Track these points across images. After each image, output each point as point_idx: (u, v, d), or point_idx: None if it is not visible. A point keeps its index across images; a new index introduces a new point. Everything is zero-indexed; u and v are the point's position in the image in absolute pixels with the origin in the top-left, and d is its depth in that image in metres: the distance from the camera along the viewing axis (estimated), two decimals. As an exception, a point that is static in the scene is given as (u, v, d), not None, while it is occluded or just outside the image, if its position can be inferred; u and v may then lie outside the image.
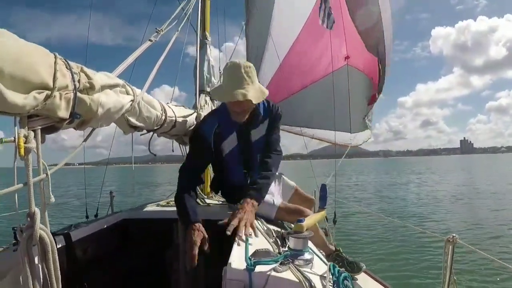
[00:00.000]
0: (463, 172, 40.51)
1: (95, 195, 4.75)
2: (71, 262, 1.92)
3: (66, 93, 1.17)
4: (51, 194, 1.18)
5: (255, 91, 2.10)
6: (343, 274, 1.38)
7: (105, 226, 2.39)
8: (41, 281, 1.11)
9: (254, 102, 2.11)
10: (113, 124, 2.00)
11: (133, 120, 1.73)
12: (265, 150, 2.47)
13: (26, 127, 1.10)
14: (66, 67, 1.20)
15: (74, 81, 1.20)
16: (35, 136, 1.12)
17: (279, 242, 1.81)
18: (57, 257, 1.13)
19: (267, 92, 2.21)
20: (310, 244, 1.74)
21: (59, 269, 1.13)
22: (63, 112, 1.17)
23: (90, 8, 4.93)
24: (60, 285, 1.13)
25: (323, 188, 2.21)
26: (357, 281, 2.68)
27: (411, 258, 6.28)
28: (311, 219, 1.84)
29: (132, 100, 1.62)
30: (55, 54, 1.19)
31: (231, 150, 2.39)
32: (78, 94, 1.21)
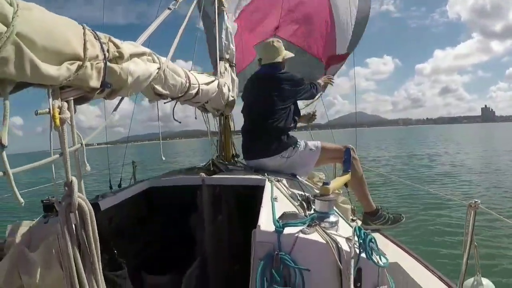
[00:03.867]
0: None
1: (116, 169, 4.83)
2: (99, 232, 1.98)
3: (97, 63, 1.19)
4: (86, 163, 1.22)
5: None
6: (369, 236, 1.41)
7: (131, 195, 2.43)
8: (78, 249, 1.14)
9: None
10: (130, 103, 2.03)
11: (159, 88, 1.75)
12: None
13: (59, 98, 1.13)
14: (95, 37, 1.21)
15: (103, 50, 1.22)
16: (68, 107, 1.14)
17: (304, 205, 1.84)
18: (95, 224, 1.17)
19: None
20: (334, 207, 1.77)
21: (97, 235, 1.18)
22: (95, 82, 1.19)
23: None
24: (99, 252, 1.17)
25: (348, 151, 2.22)
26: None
27: (433, 223, 6.27)
28: (337, 182, 1.87)
29: (159, 68, 1.63)
30: (83, 25, 1.19)
31: None
32: (108, 63, 1.23)
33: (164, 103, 2.29)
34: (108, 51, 1.24)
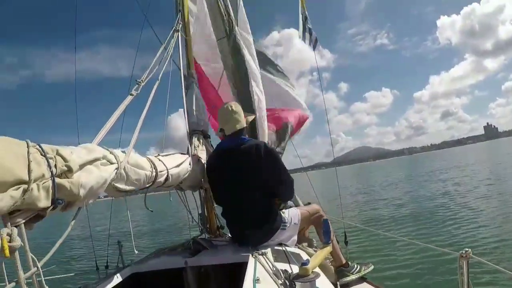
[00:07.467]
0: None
1: (111, 235, 4.76)
2: None
3: (44, 182, 1.15)
4: (45, 285, 1.16)
5: None
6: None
7: (113, 286, 2.35)
8: None
9: None
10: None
11: (121, 186, 1.70)
12: None
13: (9, 223, 1.09)
14: (41, 154, 1.19)
15: (50, 167, 1.18)
16: (19, 232, 1.10)
17: (287, 284, 1.77)
18: None
19: None
20: (320, 281, 1.70)
21: None
22: (44, 202, 1.15)
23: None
24: None
25: (326, 223, 2.16)
26: None
27: (426, 275, 5.96)
28: (316, 259, 1.80)
29: (117, 168, 1.60)
30: (27, 141, 1.17)
31: None
32: (57, 180, 1.20)
33: (135, 192, 2.24)
34: (55, 166, 1.21)
